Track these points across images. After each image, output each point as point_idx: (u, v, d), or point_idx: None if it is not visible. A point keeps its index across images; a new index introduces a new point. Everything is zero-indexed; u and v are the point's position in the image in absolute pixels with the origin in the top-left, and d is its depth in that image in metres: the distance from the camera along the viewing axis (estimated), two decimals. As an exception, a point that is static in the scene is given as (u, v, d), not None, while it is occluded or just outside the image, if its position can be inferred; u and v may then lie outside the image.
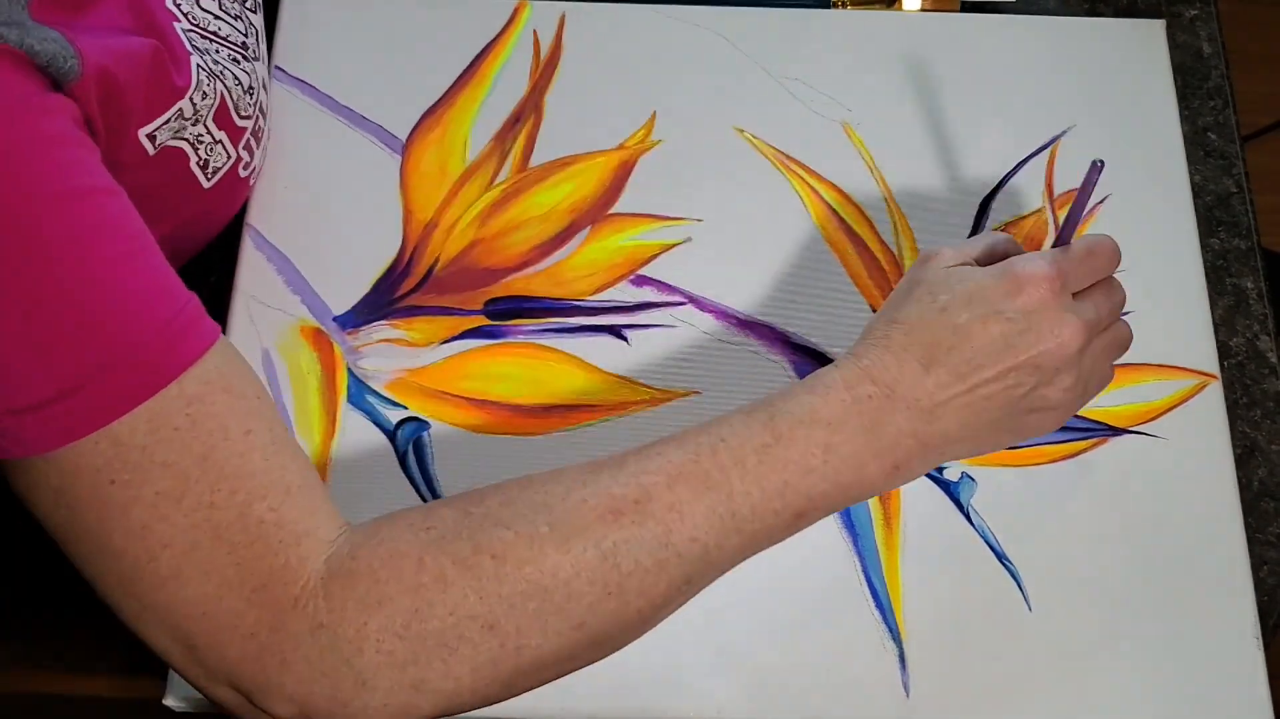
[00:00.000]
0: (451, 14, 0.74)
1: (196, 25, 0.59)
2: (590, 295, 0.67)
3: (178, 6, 0.58)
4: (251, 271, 0.67)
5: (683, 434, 0.51)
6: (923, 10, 0.76)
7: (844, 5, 0.76)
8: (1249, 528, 0.62)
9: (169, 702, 0.58)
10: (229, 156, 0.61)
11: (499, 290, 0.67)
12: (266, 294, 0.66)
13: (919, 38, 0.74)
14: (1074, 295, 0.53)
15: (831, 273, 0.67)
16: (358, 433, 0.63)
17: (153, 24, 0.55)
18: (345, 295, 0.66)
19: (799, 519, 0.50)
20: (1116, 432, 0.64)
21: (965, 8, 0.76)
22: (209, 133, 0.59)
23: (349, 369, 0.65)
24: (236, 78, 0.61)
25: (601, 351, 0.65)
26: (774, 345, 0.65)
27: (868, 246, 0.68)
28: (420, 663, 0.46)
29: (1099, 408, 0.64)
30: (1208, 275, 0.68)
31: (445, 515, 0.48)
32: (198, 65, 0.57)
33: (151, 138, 0.54)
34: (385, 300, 0.66)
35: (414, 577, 0.46)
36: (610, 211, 0.69)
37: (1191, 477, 0.63)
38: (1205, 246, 0.69)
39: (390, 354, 0.65)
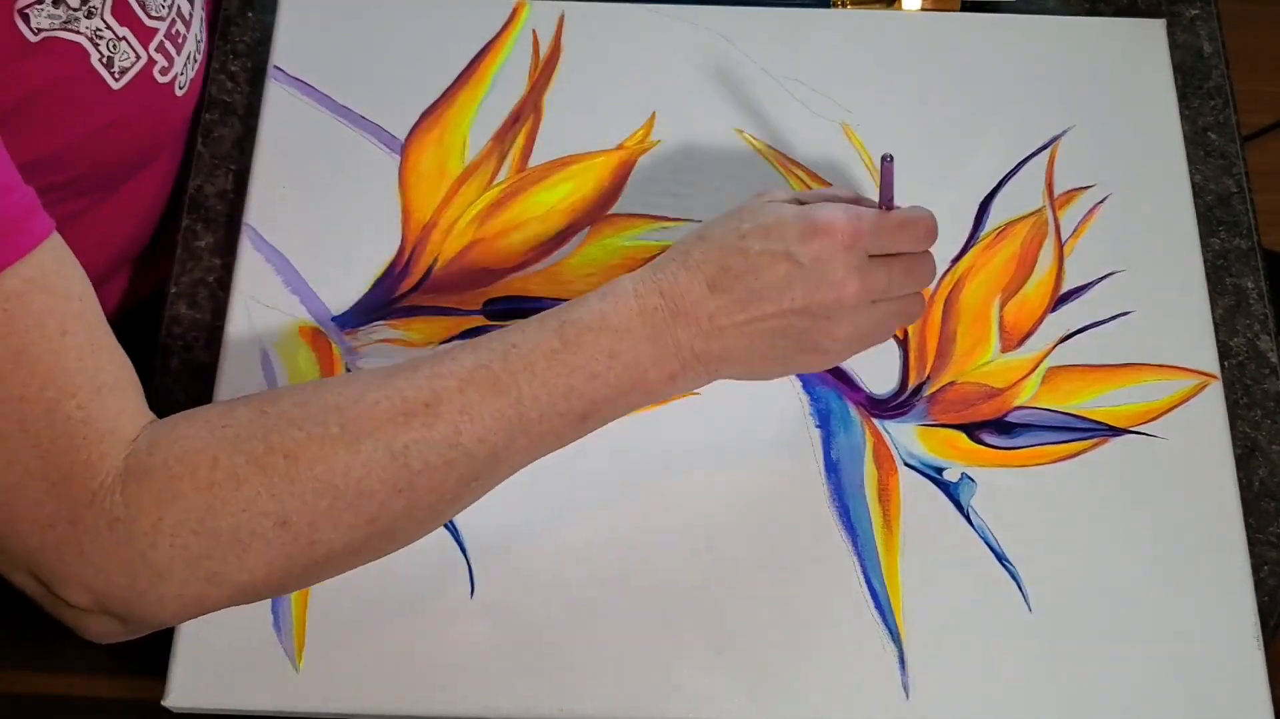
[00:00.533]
0: (451, 14, 0.74)
1: None
2: (590, 295, 0.67)
3: None
4: (250, 271, 0.66)
5: (477, 340, 0.53)
6: (923, 10, 0.76)
7: (844, 5, 0.76)
8: (1249, 528, 0.62)
9: (169, 702, 0.58)
10: (137, 58, 0.60)
11: (498, 290, 0.67)
12: (265, 294, 0.66)
13: (919, 38, 0.74)
14: (875, 258, 0.55)
15: (831, 273, 0.67)
16: (357, 433, 0.63)
17: None
18: (344, 295, 0.66)
19: (584, 421, 0.53)
20: (1116, 432, 0.64)
21: (965, 8, 0.76)
22: (109, 28, 0.57)
23: (348, 369, 0.65)
24: None
25: (601, 352, 0.65)
26: (773, 345, 0.65)
27: (867, 247, 0.68)
28: (215, 557, 0.48)
29: (1099, 408, 0.64)
30: (1208, 275, 0.68)
31: (241, 414, 0.50)
32: None
33: (25, 17, 0.53)
34: (384, 300, 0.66)
35: (208, 474, 0.48)
36: (609, 212, 0.69)
37: (1192, 477, 0.63)
38: (1205, 246, 0.69)
39: (389, 354, 0.65)
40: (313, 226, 0.68)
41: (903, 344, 0.66)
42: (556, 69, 0.73)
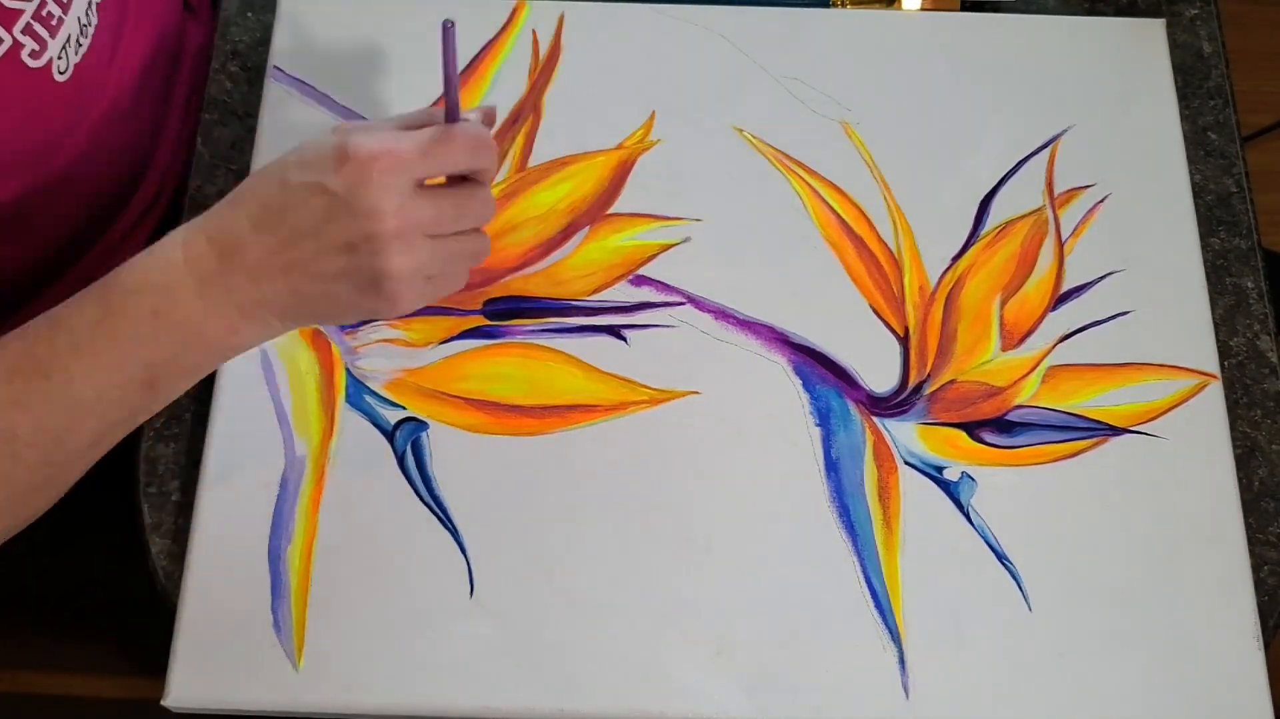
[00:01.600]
0: (450, 14, 0.74)
1: None
2: (589, 295, 0.67)
3: None
4: (250, 272, 0.66)
5: (29, 323, 0.50)
6: (923, 10, 0.76)
7: (844, 5, 0.76)
8: (1249, 528, 0.62)
9: (168, 702, 0.58)
10: (1, 42, 0.56)
11: (497, 290, 0.67)
12: (265, 294, 0.66)
13: (919, 38, 0.74)
14: (425, 188, 0.50)
15: (831, 273, 0.67)
16: (356, 433, 0.63)
17: None
18: (344, 295, 0.66)
19: (151, 389, 0.50)
20: (1116, 431, 0.64)
21: (965, 7, 0.76)
22: None
23: (347, 369, 0.65)
24: None
25: (600, 352, 0.65)
26: (774, 345, 0.65)
27: (868, 246, 0.68)
28: None
29: (1099, 407, 0.64)
30: (1208, 275, 0.68)
31: None
32: None
33: None
34: (384, 300, 0.66)
35: None
36: (609, 211, 0.69)
37: (1191, 477, 0.63)
38: (1205, 246, 0.69)
39: (388, 354, 0.65)
40: (312, 226, 0.68)
41: (903, 342, 0.66)
42: (556, 69, 0.73)
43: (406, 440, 0.63)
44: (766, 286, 0.67)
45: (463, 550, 0.61)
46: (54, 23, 0.60)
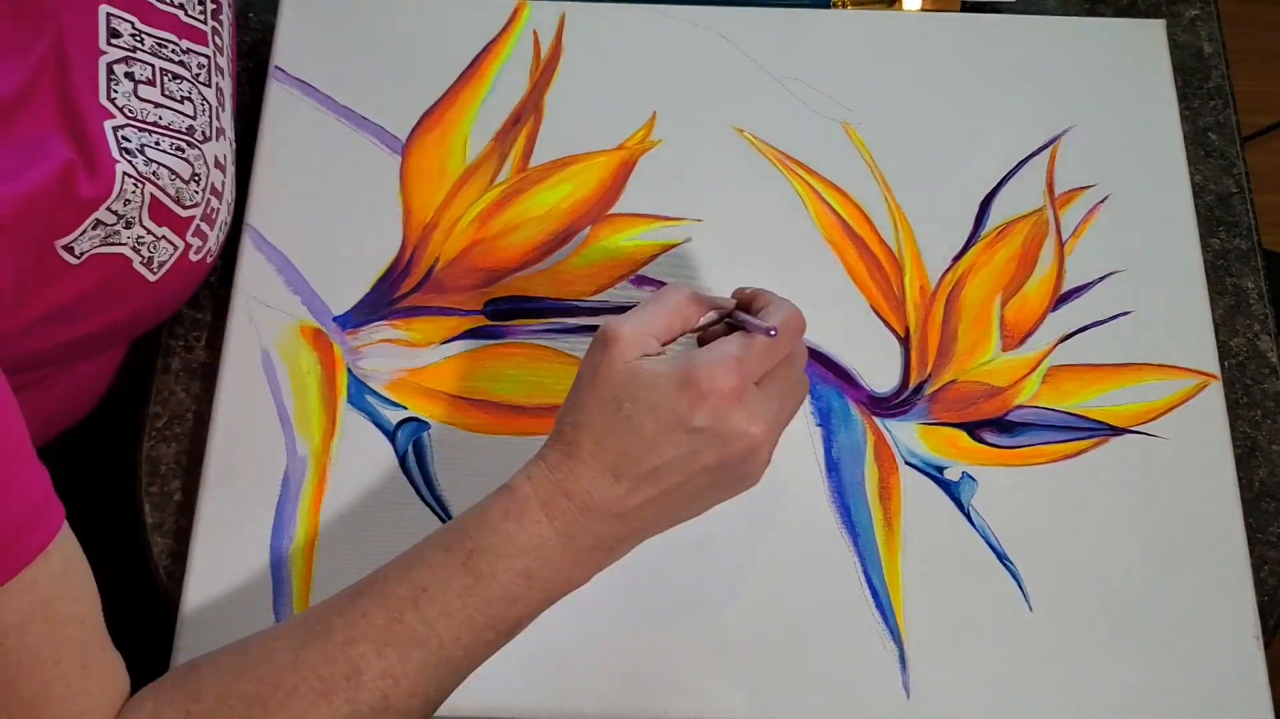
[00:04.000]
0: (451, 14, 0.74)
1: (134, 118, 0.57)
2: (590, 295, 0.67)
3: (112, 101, 0.56)
4: (251, 271, 0.67)
5: (381, 582, 0.51)
6: (923, 10, 0.76)
7: (844, 5, 0.76)
8: (1249, 528, 0.62)
9: (169, 702, 0.58)
10: (175, 249, 0.59)
11: (499, 290, 0.67)
12: (266, 294, 0.66)
13: (919, 38, 0.74)
14: (762, 383, 0.52)
15: (831, 273, 0.67)
16: (358, 433, 0.63)
17: (80, 127, 0.54)
18: (345, 295, 0.66)
19: (513, 633, 0.52)
20: (1117, 431, 0.64)
21: (965, 8, 0.76)
22: (149, 232, 0.57)
23: (349, 369, 0.65)
24: (174, 171, 0.58)
25: (601, 352, 0.65)
26: (774, 345, 0.65)
27: (868, 246, 0.68)
28: None
29: (1100, 407, 0.64)
30: (1208, 275, 0.68)
31: None
32: (124, 174, 0.55)
33: (69, 249, 0.53)
34: (385, 300, 0.66)
35: None
36: (610, 212, 0.69)
37: (1192, 477, 0.63)
38: (1205, 246, 0.69)
39: (390, 354, 0.65)
40: (313, 226, 0.68)
41: (904, 342, 0.66)
42: (557, 69, 0.73)
43: (408, 440, 0.63)
44: (767, 286, 0.67)
45: (464, 550, 0.61)
46: (214, 216, 0.62)
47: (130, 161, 0.56)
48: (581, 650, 0.59)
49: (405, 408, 0.64)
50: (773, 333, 0.51)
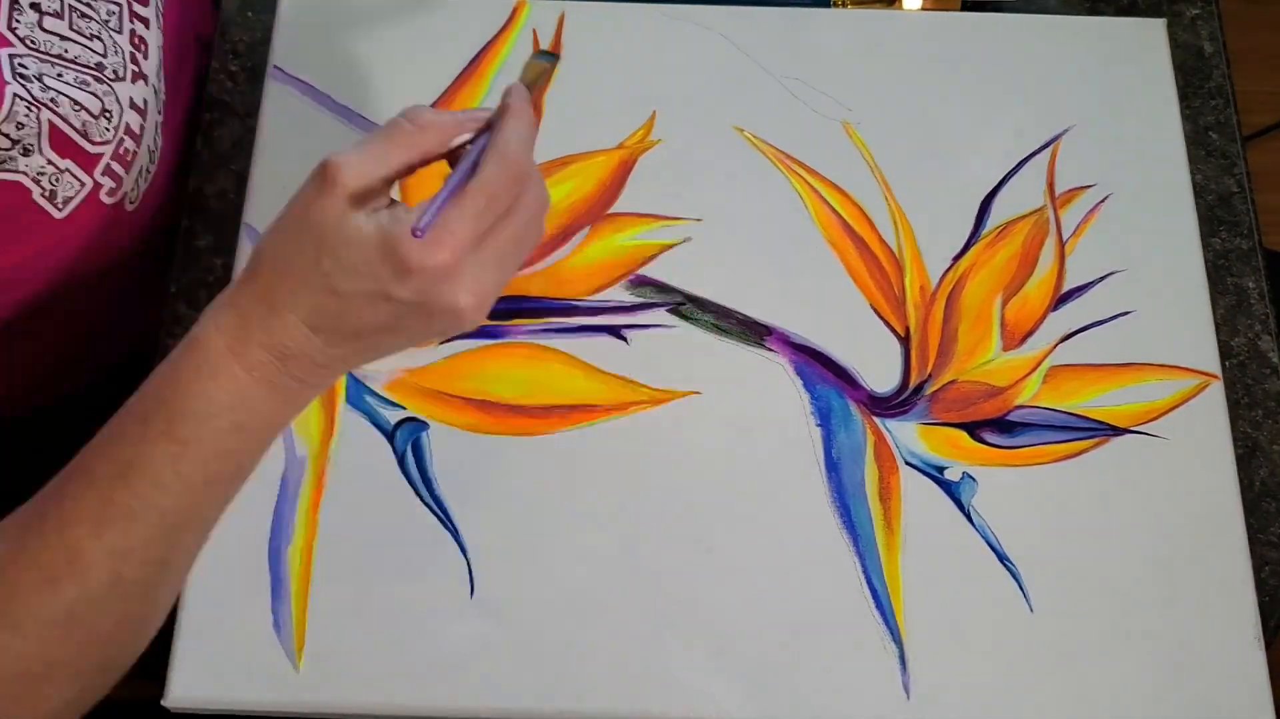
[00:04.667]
0: (451, 14, 0.74)
1: (35, 49, 0.56)
2: (590, 295, 0.67)
3: (13, 31, 0.56)
4: (251, 271, 0.66)
5: (88, 464, 0.48)
6: (923, 10, 0.76)
7: (844, 5, 0.76)
8: (1250, 528, 0.62)
9: (168, 702, 0.58)
10: (82, 185, 0.58)
11: (498, 290, 0.67)
12: (266, 294, 0.66)
13: (919, 37, 0.74)
14: (479, 247, 0.48)
15: (831, 273, 0.67)
16: (356, 433, 0.63)
17: None
18: (344, 295, 0.66)
19: (236, 479, 0.50)
20: (1117, 431, 0.64)
21: (965, 7, 0.76)
22: (50, 164, 0.57)
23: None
24: (78, 103, 0.57)
25: (601, 352, 0.65)
26: (774, 345, 0.65)
27: (868, 246, 0.68)
28: None
29: (1100, 407, 0.64)
30: (1209, 275, 0.68)
31: None
32: (14, 95, 0.54)
33: None
34: (384, 300, 0.66)
35: None
36: (610, 211, 0.69)
37: (1192, 476, 0.63)
38: (1206, 246, 0.69)
39: (389, 354, 0.65)
40: (313, 226, 0.68)
41: (904, 342, 0.66)
42: (557, 68, 0.72)
43: (407, 440, 0.63)
44: (767, 286, 0.67)
45: (463, 551, 0.61)
46: (128, 159, 0.62)
47: (24, 85, 0.55)
48: (581, 650, 0.59)
49: (404, 408, 0.64)
50: (470, 170, 0.47)
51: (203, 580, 0.60)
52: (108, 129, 0.59)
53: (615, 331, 0.66)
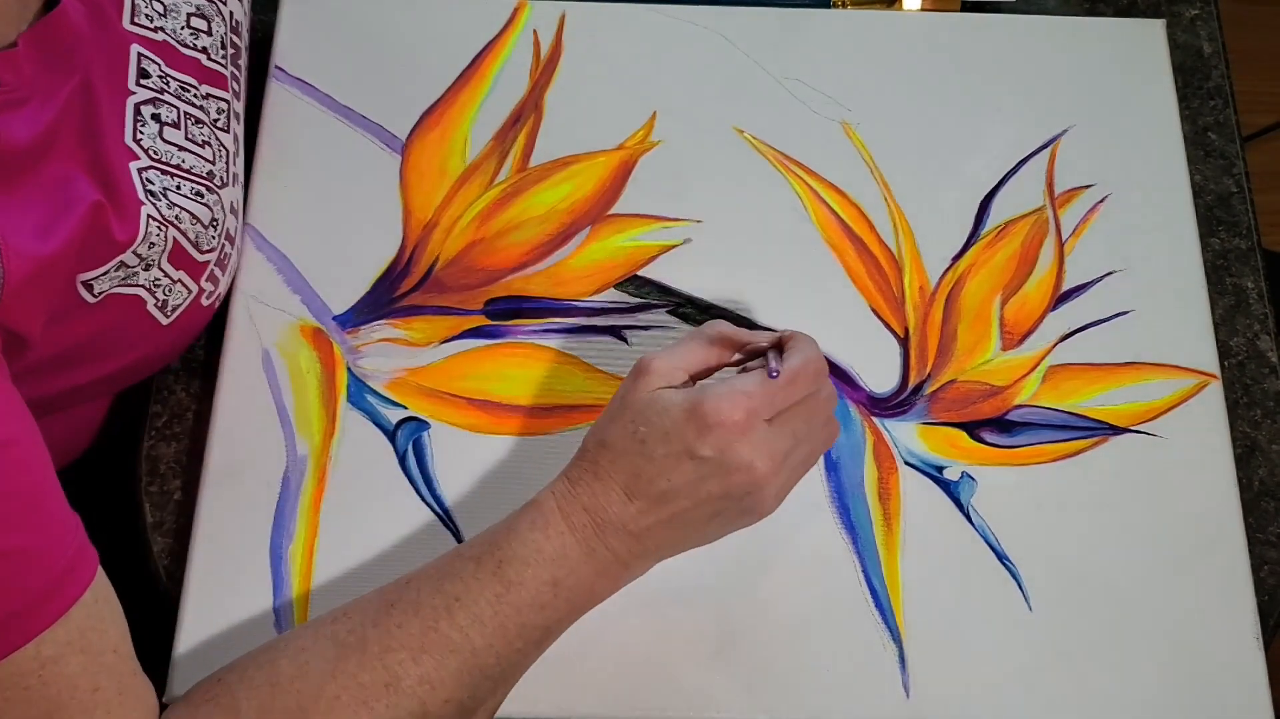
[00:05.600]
0: (451, 14, 0.74)
1: (158, 160, 0.57)
2: (590, 295, 0.67)
3: (138, 143, 0.56)
4: (251, 271, 0.67)
5: (414, 590, 0.53)
6: (923, 10, 0.76)
7: (844, 5, 0.76)
8: (1249, 528, 0.62)
9: (168, 701, 0.58)
10: (189, 292, 0.60)
11: (499, 290, 0.67)
12: (266, 294, 0.66)
13: (919, 38, 0.74)
14: (775, 421, 0.54)
15: (831, 273, 0.67)
16: (357, 433, 0.63)
17: (105, 168, 0.54)
18: (345, 295, 0.66)
19: (542, 644, 0.54)
20: (1117, 431, 0.64)
21: (965, 8, 0.76)
22: (165, 275, 0.58)
23: (349, 369, 0.65)
24: (195, 216, 0.58)
25: (601, 352, 0.65)
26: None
27: (867, 246, 0.68)
28: None
29: (1099, 407, 0.64)
30: (1208, 275, 0.68)
31: None
32: (148, 216, 0.55)
33: (89, 286, 0.54)
34: (385, 300, 0.66)
35: None
36: (610, 212, 0.69)
37: (1191, 476, 0.63)
38: (1205, 246, 0.69)
39: (390, 354, 0.65)
40: (313, 226, 0.68)
41: (903, 342, 0.66)
42: (557, 69, 0.73)
43: (408, 440, 0.63)
44: (766, 287, 0.67)
45: (463, 550, 0.61)
46: (226, 262, 0.63)
47: (155, 204, 0.56)
48: (581, 650, 0.59)
49: (405, 407, 0.64)
50: (773, 374, 0.54)
51: (204, 579, 0.60)
52: (214, 237, 0.61)
53: (615, 332, 0.66)
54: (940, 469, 0.63)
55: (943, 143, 0.71)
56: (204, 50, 0.62)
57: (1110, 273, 0.68)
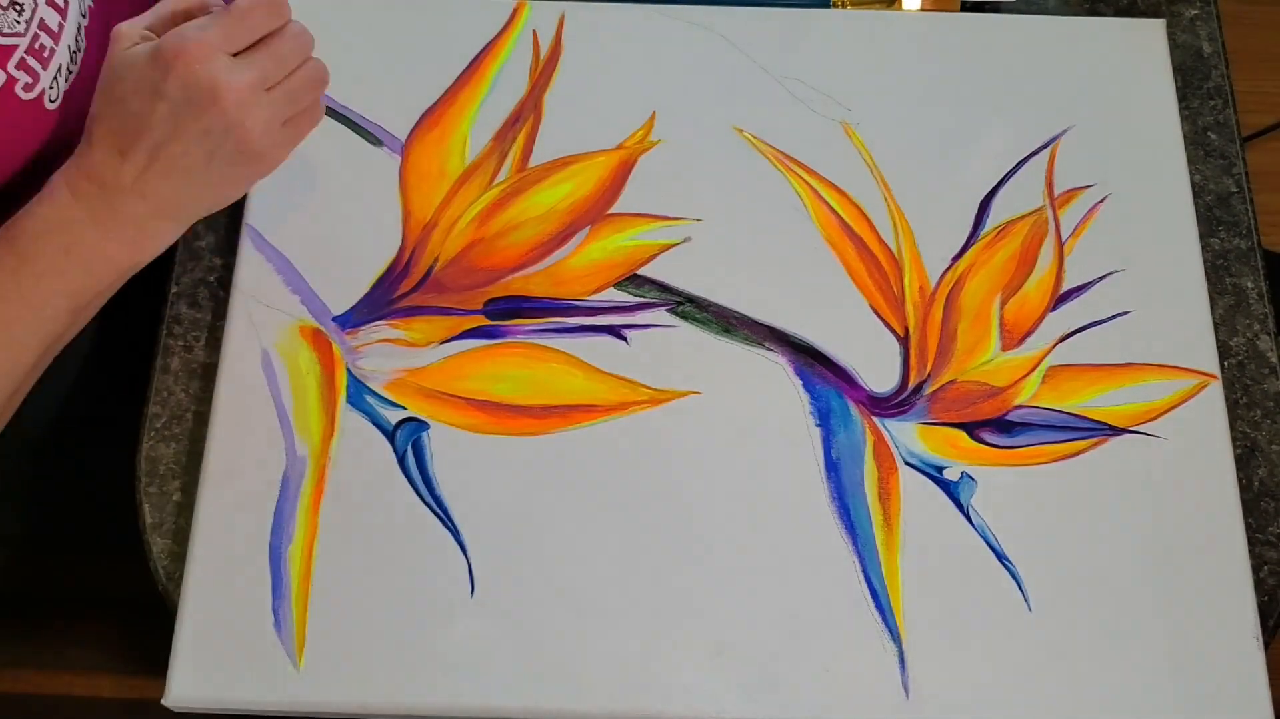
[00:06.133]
0: (451, 14, 0.74)
1: None
2: (590, 295, 0.67)
3: None
4: (250, 272, 0.67)
5: None
6: (923, 10, 0.76)
7: (844, 5, 0.76)
8: (1249, 528, 0.62)
9: (168, 702, 0.58)
10: None
11: (498, 290, 0.67)
12: (265, 294, 0.66)
13: (919, 38, 0.74)
14: (240, 55, 0.56)
15: (831, 273, 0.67)
16: (357, 433, 0.63)
17: None
18: (344, 295, 0.66)
19: (75, 313, 0.58)
20: (1116, 431, 0.64)
21: (965, 8, 0.76)
22: None
23: (348, 369, 0.65)
24: None
25: (601, 352, 0.65)
26: (774, 345, 0.65)
27: (867, 246, 0.68)
28: None
29: (1099, 407, 0.64)
30: (1208, 275, 0.68)
31: None
32: None
33: None
34: (384, 300, 0.66)
35: None
36: (610, 211, 0.69)
37: (1191, 477, 0.63)
38: (1205, 246, 0.69)
39: (389, 354, 0.65)
40: (313, 226, 0.68)
41: (903, 342, 0.66)
42: (557, 69, 0.73)
43: (407, 440, 0.63)
44: (766, 286, 0.67)
45: (463, 550, 0.61)
46: (46, 54, 0.63)
47: None
48: (581, 650, 0.59)
49: (404, 408, 0.64)
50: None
51: (203, 580, 0.60)
52: (18, 22, 0.61)
53: (615, 332, 0.66)
54: (940, 469, 0.63)
55: (943, 143, 0.71)
56: None
57: (1110, 273, 0.68)
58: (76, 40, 0.65)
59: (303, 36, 0.59)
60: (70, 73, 0.65)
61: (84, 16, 0.66)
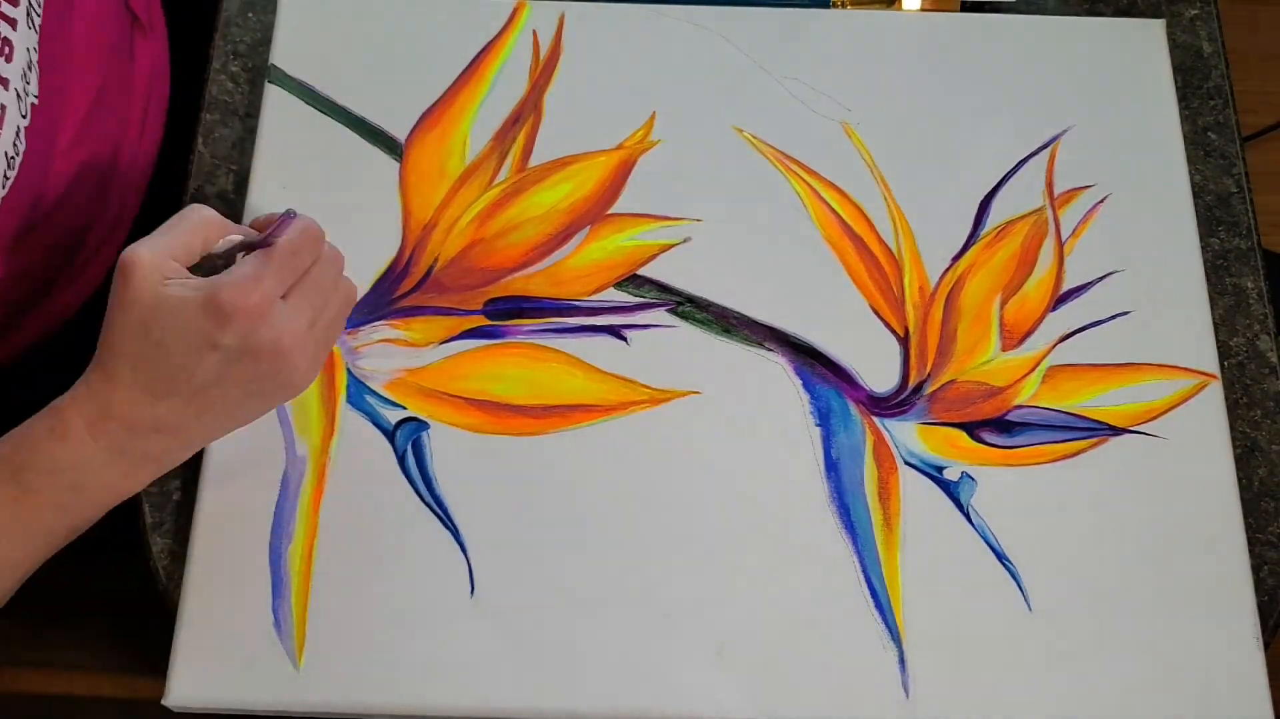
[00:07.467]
0: (451, 14, 0.74)
1: None
2: (589, 295, 0.67)
3: None
4: (251, 272, 0.66)
5: None
6: (923, 10, 0.76)
7: (844, 5, 0.76)
8: (1249, 528, 0.62)
9: (169, 702, 0.58)
10: None
11: (498, 290, 0.67)
12: (266, 294, 0.66)
13: (919, 38, 0.74)
14: (288, 297, 0.55)
15: (831, 273, 0.67)
16: (357, 433, 0.63)
17: None
18: (345, 295, 0.66)
19: (70, 536, 0.55)
20: (1116, 431, 0.64)
21: (965, 8, 0.76)
22: None
23: (348, 369, 0.65)
24: None
25: (601, 352, 0.65)
26: (774, 345, 0.65)
27: (867, 246, 0.68)
28: None
29: (1099, 407, 0.64)
30: (1208, 275, 0.68)
31: None
32: None
33: None
34: (384, 300, 0.66)
35: None
36: (610, 211, 0.69)
37: (1191, 477, 0.63)
38: (1205, 246, 0.69)
39: (389, 354, 0.65)
40: (313, 226, 0.68)
41: (903, 342, 0.66)
42: (557, 69, 0.73)
43: (407, 440, 0.63)
44: (766, 286, 0.67)
45: (463, 550, 0.61)
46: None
47: None
48: (582, 650, 0.59)
49: (404, 408, 0.64)
50: (271, 242, 0.54)
51: (203, 580, 0.60)
52: None
53: (615, 332, 0.66)
54: (940, 469, 0.63)
55: (943, 143, 0.71)
56: None
57: (1110, 273, 0.68)
58: (15, 145, 0.62)
59: (336, 259, 0.58)
60: (6, 178, 0.61)
61: (24, 117, 0.63)
